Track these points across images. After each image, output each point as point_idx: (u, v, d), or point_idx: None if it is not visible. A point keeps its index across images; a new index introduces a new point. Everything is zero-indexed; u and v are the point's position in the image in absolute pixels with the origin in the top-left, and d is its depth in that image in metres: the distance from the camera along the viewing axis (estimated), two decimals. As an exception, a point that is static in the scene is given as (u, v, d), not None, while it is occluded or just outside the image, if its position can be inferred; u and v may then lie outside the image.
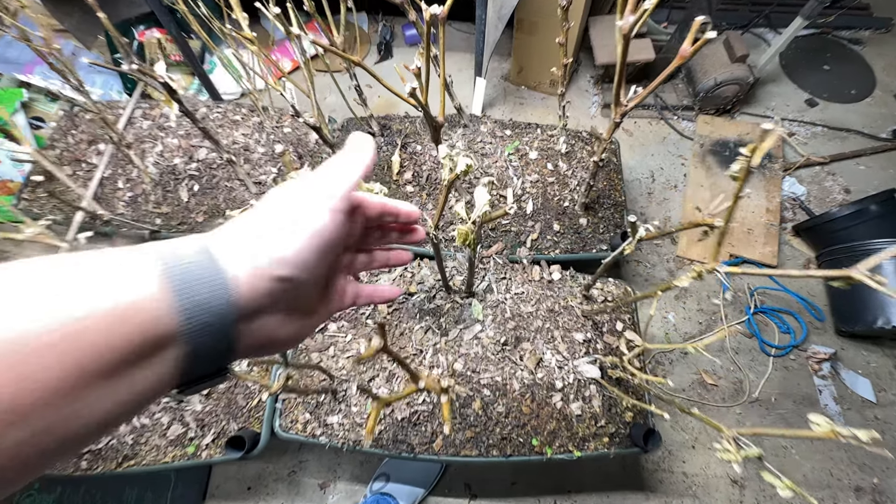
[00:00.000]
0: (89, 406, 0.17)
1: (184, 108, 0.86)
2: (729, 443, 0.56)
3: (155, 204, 1.11)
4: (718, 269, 0.50)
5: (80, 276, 0.18)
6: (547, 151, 1.16)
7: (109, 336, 0.18)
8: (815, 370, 1.31)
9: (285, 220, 0.24)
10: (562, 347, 0.93)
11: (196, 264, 0.21)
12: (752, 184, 1.54)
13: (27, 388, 0.15)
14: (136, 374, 0.19)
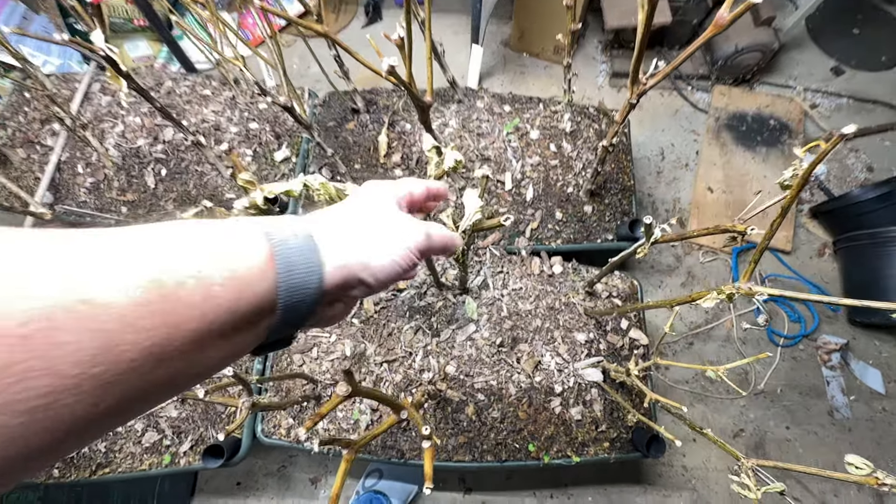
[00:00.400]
0: (206, 358, 0.20)
1: (135, 85, 0.75)
2: (747, 475, 0.50)
3: (119, 191, 1.01)
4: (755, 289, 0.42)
5: (212, 246, 0.20)
6: (550, 130, 1.05)
7: (234, 303, 0.20)
8: (825, 361, 1.26)
9: (383, 233, 0.28)
10: (562, 349, 0.87)
11: (299, 250, 0.24)
12: (769, 162, 1.44)
13: (174, 335, 0.18)
14: (240, 337, 0.22)
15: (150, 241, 0.19)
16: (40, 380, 0.14)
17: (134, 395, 0.17)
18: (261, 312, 0.22)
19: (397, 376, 0.85)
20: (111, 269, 0.17)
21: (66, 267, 0.16)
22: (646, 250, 0.60)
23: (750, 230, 0.47)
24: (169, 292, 0.18)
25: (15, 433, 0.14)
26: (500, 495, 1.13)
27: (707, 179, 1.42)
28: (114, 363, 0.16)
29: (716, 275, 1.34)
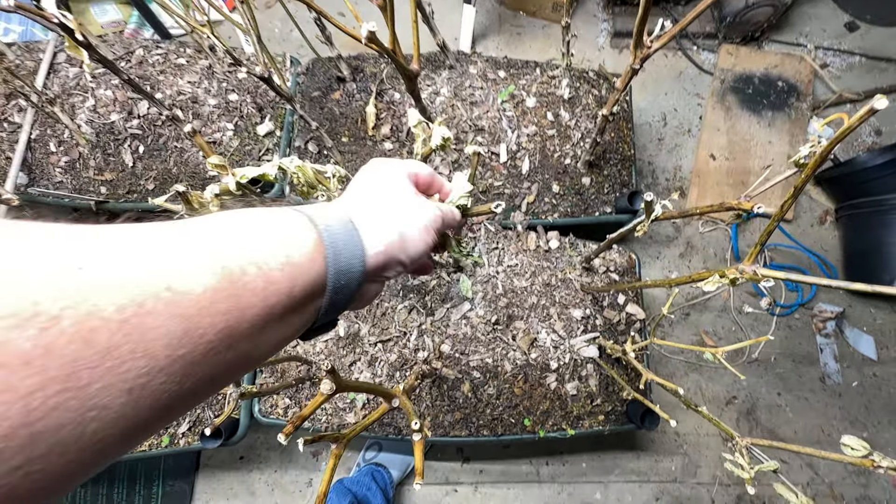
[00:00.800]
0: (266, 340, 0.22)
1: (98, 56, 0.69)
2: (741, 454, 0.50)
3: (96, 170, 0.97)
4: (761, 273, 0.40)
5: (268, 235, 0.22)
6: (547, 98, 0.99)
7: (290, 287, 0.22)
8: (819, 329, 1.27)
9: (410, 213, 0.30)
10: (558, 326, 0.86)
11: (344, 235, 0.26)
12: (775, 127, 1.38)
13: (242, 318, 0.20)
14: (294, 318, 0.24)
15: (214, 231, 0.21)
16: (139, 361, 0.16)
17: (210, 375, 0.19)
18: (312, 295, 0.24)
19: (392, 356, 0.84)
20: (187, 260, 0.19)
21: (149, 258, 0.18)
22: (646, 228, 0.58)
23: (756, 208, 0.45)
24: (236, 279, 0.20)
25: (118, 413, 0.16)
26: (498, 464, 1.16)
27: (710, 146, 1.37)
28: (195, 345, 0.18)
29: (715, 245, 1.32)
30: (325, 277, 0.24)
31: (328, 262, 0.24)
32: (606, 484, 1.16)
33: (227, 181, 0.42)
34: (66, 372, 0.14)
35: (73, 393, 0.14)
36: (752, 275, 0.40)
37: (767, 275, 0.39)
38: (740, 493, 1.16)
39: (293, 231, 0.24)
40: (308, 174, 0.43)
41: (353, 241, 0.26)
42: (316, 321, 0.26)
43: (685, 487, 1.16)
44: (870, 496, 1.17)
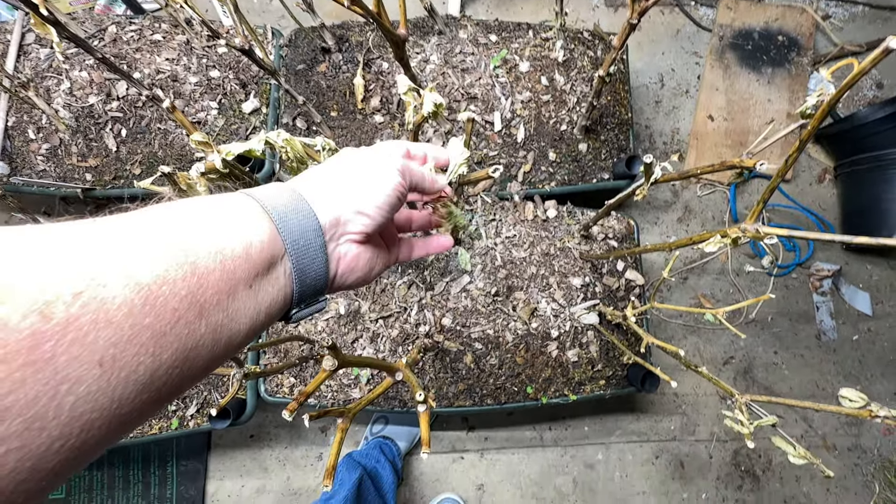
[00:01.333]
0: (240, 309, 0.23)
1: (68, 34, 0.66)
2: (741, 410, 0.51)
3: (79, 156, 0.94)
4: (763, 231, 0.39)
5: (226, 223, 0.24)
6: (541, 61, 0.96)
7: (245, 249, 0.23)
8: (816, 287, 1.28)
9: (363, 179, 0.30)
10: (558, 295, 0.86)
11: (293, 206, 0.27)
12: (774, 84, 1.35)
13: (203, 283, 0.21)
14: (264, 284, 0.25)
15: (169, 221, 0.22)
16: (102, 331, 0.16)
17: (188, 348, 0.20)
18: (272, 257, 0.25)
19: (394, 331, 0.85)
20: (138, 246, 0.19)
21: (104, 248, 0.19)
22: (645, 191, 0.57)
23: (759, 165, 0.44)
24: (188, 248, 0.21)
25: (94, 387, 0.16)
26: (502, 430, 1.19)
27: (708, 107, 1.34)
28: (159, 313, 0.18)
29: (713, 208, 1.31)
30: (278, 238, 0.25)
31: (277, 224, 0.25)
32: (608, 445, 1.19)
33: (212, 159, 0.40)
34: (27, 345, 0.14)
35: (39, 366, 0.15)
36: (754, 233, 0.40)
37: (770, 232, 0.38)
38: (737, 447, 1.21)
39: (246, 217, 0.25)
40: (297, 148, 0.41)
41: (302, 210, 0.27)
42: (295, 293, 0.27)
43: (684, 445, 1.20)
44: (861, 445, 1.22)
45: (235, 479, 1.16)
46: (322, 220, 0.27)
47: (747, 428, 0.50)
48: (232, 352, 0.23)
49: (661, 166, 0.55)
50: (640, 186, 0.57)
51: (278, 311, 0.26)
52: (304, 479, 1.16)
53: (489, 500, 1.16)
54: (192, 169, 0.40)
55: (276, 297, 0.25)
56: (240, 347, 0.24)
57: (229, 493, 1.15)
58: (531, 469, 1.18)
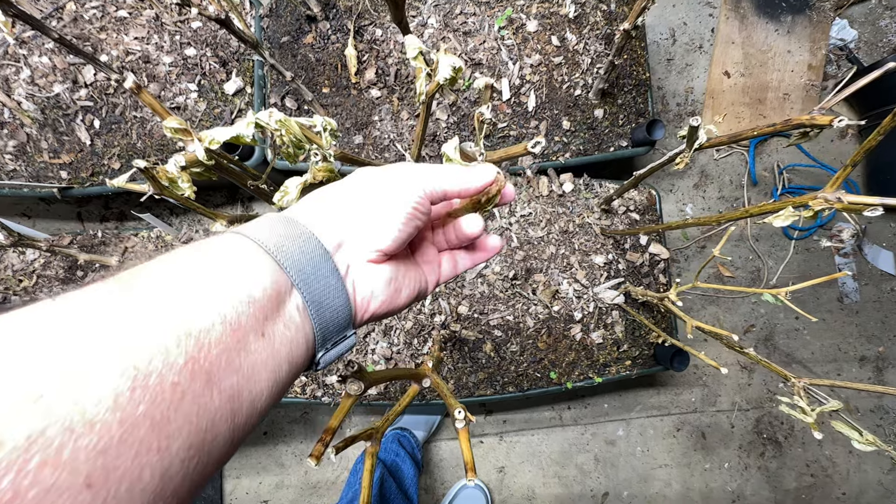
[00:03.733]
0: (253, 364, 0.19)
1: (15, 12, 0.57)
2: (799, 395, 0.46)
3: (51, 153, 0.86)
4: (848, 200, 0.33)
5: (218, 266, 0.20)
6: (550, 19, 0.87)
7: (254, 304, 0.20)
8: (838, 249, 1.23)
9: (373, 194, 0.25)
10: (580, 275, 0.81)
11: (288, 232, 0.23)
12: (795, 34, 1.26)
13: (202, 342, 0.17)
14: (278, 326, 0.21)
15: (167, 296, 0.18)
16: (82, 439, 0.13)
17: (203, 427, 0.16)
18: (278, 294, 0.21)
19: (407, 323, 0.80)
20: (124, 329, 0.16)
21: (79, 334, 0.15)
22: (687, 158, 0.50)
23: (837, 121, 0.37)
24: (185, 315, 0.18)
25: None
26: (521, 413, 1.16)
27: (724, 62, 1.25)
28: (156, 393, 0.15)
29: (731, 172, 1.25)
30: (279, 269, 0.22)
31: (272, 254, 0.22)
32: (628, 421, 1.17)
33: (193, 149, 0.33)
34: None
35: None
36: (839, 203, 0.34)
37: (862, 201, 0.32)
38: (758, 416, 1.19)
39: (223, 244, 0.22)
40: (293, 129, 0.34)
41: (292, 225, 0.23)
42: (316, 331, 0.23)
43: (705, 416, 1.18)
44: (884, 406, 1.20)
45: (252, 477, 1.14)
46: (327, 242, 0.23)
47: (811, 416, 0.46)
48: (255, 420, 0.20)
49: (706, 129, 0.48)
50: (682, 153, 0.51)
51: (302, 358, 0.22)
52: (323, 473, 1.14)
53: (511, 482, 1.15)
54: (170, 162, 0.33)
55: (296, 340, 0.21)
56: (263, 414, 0.20)
57: (247, 490, 1.13)
58: (551, 449, 1.16)
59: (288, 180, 0.36)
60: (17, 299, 0.82)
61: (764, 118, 1.24)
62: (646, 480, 1.16)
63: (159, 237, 0.86)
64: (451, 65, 0.36)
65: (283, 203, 0.35)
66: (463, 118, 0.85)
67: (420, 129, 0.44)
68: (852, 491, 1.17)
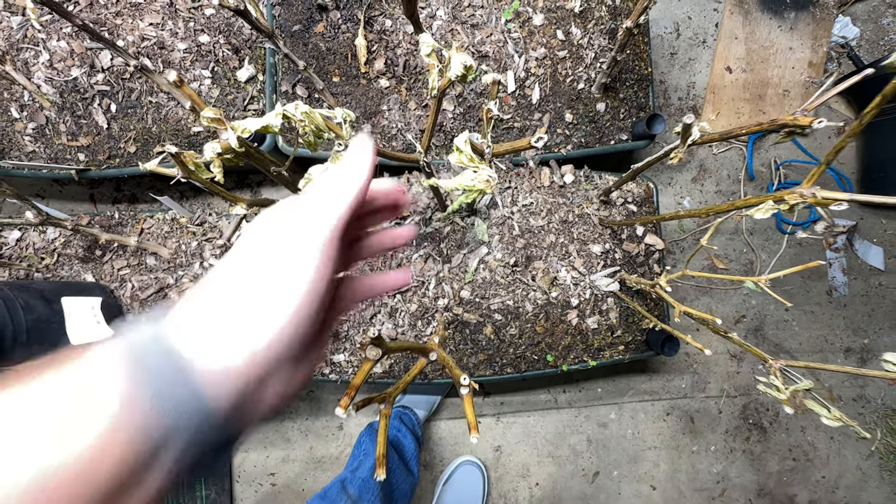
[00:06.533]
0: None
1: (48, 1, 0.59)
2: (775, 375, 0.50)
3: (69, 135, 0.88)
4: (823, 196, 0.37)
5: (62, 421, 0.16)
6: (556, 13, 0.89)
7: (97, 471, 0.16)
8: (829, 244, 1.27)
9: (259, 295, 0.20)
10: (578, 263, 0.84)
11: (161, 375, 0.18)
12: (797, 30, 1.27)
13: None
14: (138, 489, 0.18)
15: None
16: None
17: None
18: (145, 462, 0.17)
19: (412, 306, 0.84)
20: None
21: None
22: (682, 154, 0.53)
23: (818, 123, 0.40)
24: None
25: None
26: (518, 395, 1.21)
27: (726, 57, 1.27)
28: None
29: (729, 166, 1.28)
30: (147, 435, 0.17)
31: (152, 415, 0.18)
32: (620, 405, 1.22)
33: (226, 137, 0.36)
34: None
35: None
36: (812, 198, 0.37)
37: (833, 196, 0.36)
38: (745, 402, 1.24)
39: (97, 402, 0.17)
40: (317, 120, 0.37)
41: (174, 378, 0.18)
42: (189, 463, 0.19)
43: (694, 402, 1.23)
44: (866, 395, 1.25)
45: (260, 451, 1.19)
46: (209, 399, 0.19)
47: (784, 394, 0.50)
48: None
49: (699, 126, 0.51)
50: (676, 148, 0.54)
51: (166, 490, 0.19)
52: (327, 448, 1.19)
53: (507, 461, 1.20)
54: (206, 149, 0.36)
55: (157, 485, 0.18)
56: None
57: (255, 463, 1.19)
58: (546, 430, 1.21)
59: (311, 168, 0.39)
60: (40, 276, 0.86)
61: (763, 114, 1.27)
62: (635, 461, 1.22)
63: (174, 219, 0.90)
64: (463, 63, 0.39)
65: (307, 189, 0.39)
66: (469, 109, 0.88)
67: (431, 120, 0.47)
68: (832, 475, 1.23)
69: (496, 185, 0.81)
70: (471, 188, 0.39)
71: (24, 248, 0.87)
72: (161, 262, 0.86)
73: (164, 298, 0.85)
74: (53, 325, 0.70)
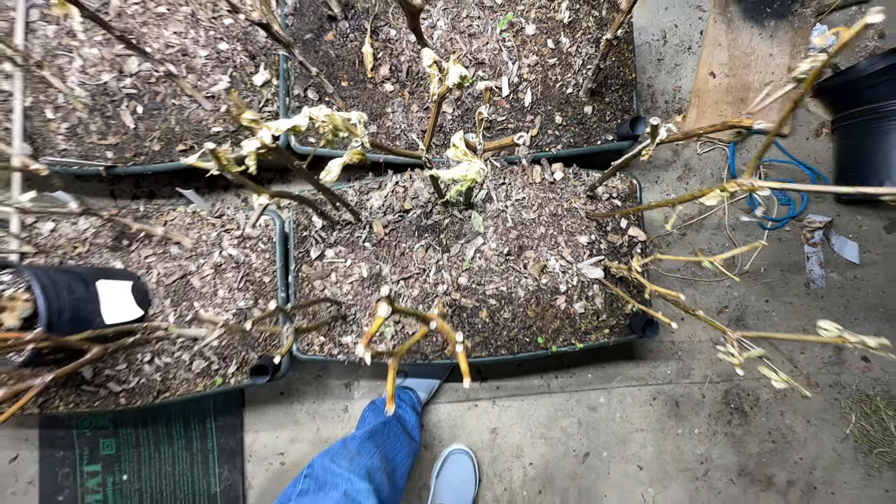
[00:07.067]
0: None
1: (87, 12, 0.67)
2: (732, 345, 0.58)
3: (99, 135, 0.96)
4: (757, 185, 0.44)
5: None
6: (546, 23, 0.96)
7: None
8: (807, 239, 1.34)
9: None
10: (566, 252, 0.92)
11: None
12: (777, 38, 1.35)
13: None
14: None
15: None
16: None
17: None
18: None
19: (414, 291, 0.91)
20: None
21: None
22: (651, 151, 0.61)
23: (756, 125, 0.48)
24: None
25: None
26: (513, 380, 1.29)
27: (710, 63, 1.35)
28: None
29: (712, 166, 1.35)
30: None
31: None
32: (609, 390, 1.30)
33: (262, 135, 0.44)
34: None
35: None
36: (749, 186, 0.45)
37: (763, 185, 0.43)
38: (727, 388, 1.31)
39: None
40: (336, 121, 0.45)
41: None
42: None
43: (679, 387, 1.31)
44: (841, 381, 1.33)
45: (270, 432, 1.27)
46: None
47: (739, 359, 0.57)
48: None
49: (666, 127, 0.59)
50: (647, 147, 0.61)
51: None
52: (333, 430, 1.27)
53: (502, 441, 1.28)
54: (246, 145, 0.44)
55: None
56: None
57: (265, 443, 1.26)
58: (539, 413, 1.29)
59: (331, 161, 0.47)
60: (72, 263, 0.93)
61: (745, 116, 1.34)
62: (623, 443, 1.29)
63: (195, 212, 0.97)
64: (459, 73, 0.47)
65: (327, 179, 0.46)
66: (466, 111, 0.96)
67: (431, 123, 0.55)
68: (809, 456, 1.30)
69: (487, 177, 0.88)
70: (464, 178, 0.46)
71: (57, 238, 0.95)
72: (184, 250, 0.94)
73: (186, 284, 0.93)
74: (90, 305, 0.78)
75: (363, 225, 0.94)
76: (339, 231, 0.94)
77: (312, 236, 0.94)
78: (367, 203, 0.95)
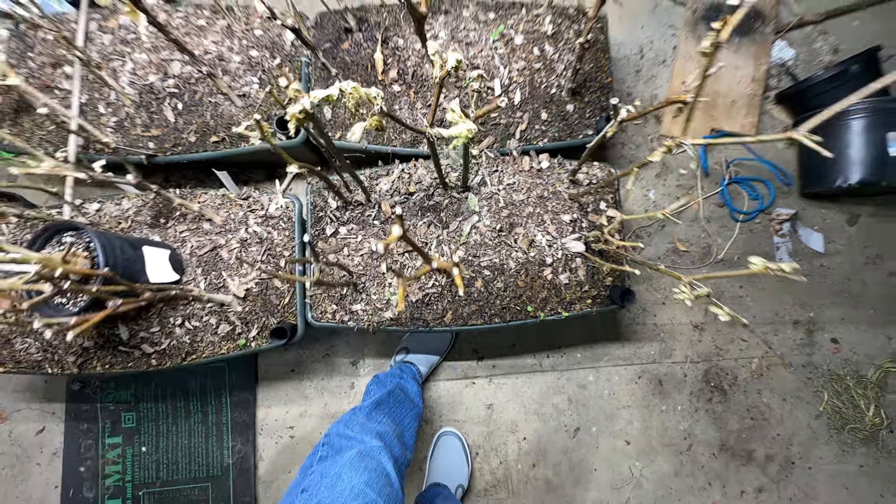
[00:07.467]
0: None
1: (153, 20, 0.82)
2: (685, 286, 0.69)
3: (143, 127, 1.10)
4: (685, 142, 0.57)
5: None
6: (533, 35, 1.12)
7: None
8: (776, 230, 1.47)
9: None
10: (551, 229, 1.04)
11: None
12: (741, 52, 1.51)
13: None
14: None
15: None
16: None
17: None
18: None
19: (417, 262, 1.03)
20: None
21: None
22: (614, 128, 0.74)
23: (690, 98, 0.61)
24: None
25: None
26: (507, 359, 1.39)
27: (683, 74, 1.51)
28: None
29: (687, 164, 1.49)
30: None
31: None
32: (597, 368, 1.40)
33: (303, 102, 0.57)
34: None
35: None
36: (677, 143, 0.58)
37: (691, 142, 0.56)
38: (707, 368, 1.41)
39: None
40: (360, 92, 0.58)
41: None
42: None
43: (662, 367, 1.40)
44: (813, 362, 1.42)
45: (280, 407, 1.36)
46: None
47: (690, 297, 0.69)
48: None
49: (625, 108, 0.73)
50: (612, 125, 0.75)
51: None
52: (340, 405, 1.36)
53: (497, 417, 1.36)
54: (290, 109, 0.57)
55: None
56: None
57: (276, 417, 1.35)
58: (532, 390, 1.38)
59: (355, 125, 0.60)
60: (116, 237, 1.05)
61: (714, 120, 1.49)
62: (611, 419, 1.38)
63: (224, 195, 1.10)
64: (456, 58, 0.60)
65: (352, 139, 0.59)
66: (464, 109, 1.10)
67: (434, 102, 0.68)
68: (785, 432, 1.39)
69: (477, 135, 1.01)
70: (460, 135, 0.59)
71: (102, 216, 1.08)
72: (214, 227, 1.06)
73: (215, 255, 1.05)
74: (137, 266, 0.89)
75: (373, 205, 1.07)
76: (351, 211, 1.07)
77: (328, 216, 1.07)
78: (376, 187, 1.08)
